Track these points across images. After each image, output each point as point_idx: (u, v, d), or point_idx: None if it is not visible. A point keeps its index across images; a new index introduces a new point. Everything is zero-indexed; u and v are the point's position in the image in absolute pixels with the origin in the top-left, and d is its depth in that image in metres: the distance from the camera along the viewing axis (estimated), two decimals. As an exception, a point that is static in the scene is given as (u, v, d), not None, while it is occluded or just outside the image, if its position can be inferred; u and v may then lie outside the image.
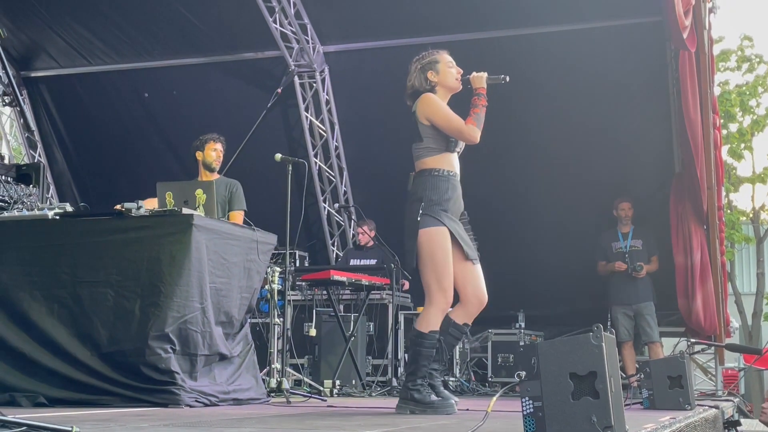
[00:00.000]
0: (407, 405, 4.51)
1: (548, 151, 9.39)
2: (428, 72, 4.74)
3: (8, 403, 4.47)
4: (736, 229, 19.11)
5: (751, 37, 22.27)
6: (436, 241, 4.52)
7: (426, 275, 4.59)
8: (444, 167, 4.62)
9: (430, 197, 4.55)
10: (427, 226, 4.52)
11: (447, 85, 4.74)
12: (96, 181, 11.18)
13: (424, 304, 4.65)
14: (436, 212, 4.54)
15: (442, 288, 4.55)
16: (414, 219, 4.54)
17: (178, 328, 4.78)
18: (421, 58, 4.81)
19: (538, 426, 2.89)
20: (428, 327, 4.56)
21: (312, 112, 10.20)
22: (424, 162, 4.64)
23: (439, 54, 4.80)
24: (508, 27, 8.97)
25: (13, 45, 10.41)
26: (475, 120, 4.59)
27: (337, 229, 10.72)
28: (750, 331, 19.79)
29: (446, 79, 4.73)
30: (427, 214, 4.53)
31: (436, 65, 4.75)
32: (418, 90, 4.72)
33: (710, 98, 8.44)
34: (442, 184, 4.58)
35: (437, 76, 4.73)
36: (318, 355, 7.74)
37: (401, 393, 4.64)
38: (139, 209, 4.95)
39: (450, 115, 4.62)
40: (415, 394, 4.50)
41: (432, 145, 4.63)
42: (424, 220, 4.53)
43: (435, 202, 4.55)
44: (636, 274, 8.36)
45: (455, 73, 4.76)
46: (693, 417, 4.68)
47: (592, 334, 2.86)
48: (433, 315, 4.58)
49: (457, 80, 4.75)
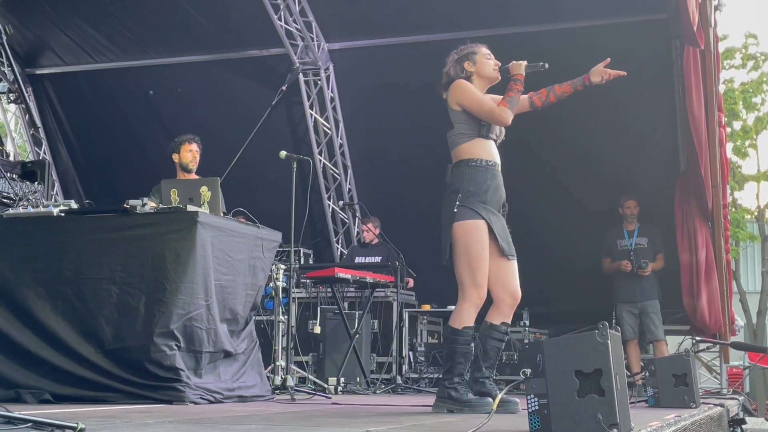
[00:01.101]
0: (444, 403, 4.40)
1: (553, 148, 9.37)
2: (465, 62, 4.66)
3: (13, 400, 4.47)
4: (741, 227, 19.06)
5: (756, 35, 22.22)
6: (472, 235, 4.40)
7: (460, 270, 4.43)
8: (481, 156, 4.52)
9: (467, 188, 4.43)
10: (464, 219, 4.40)
11: (484, 75, 4.66)
12: (101, 178, 11.19)
13: (458, 300, 4.49)
14: (473, 204, 4.42)
15: (476, 283, 4.40)
16: (450, 211, 4.43)
17: (183, 325, 4.79)
18: (459, 51, 4.73)
19: (543, 423, 2.88)
20: (462, 323, 4.42)
21: (317, 109, 10.19)
22: (460, 150, 4.54)
23: (477, 46, 4.72)
24: (514, 24, 8.95)
25: (18, 42, 10.42)
26: (508, 102, 4.50)
27: (341, 226, 10.72)
28: (755, 330, 19.75)
29: (483, 68, 4.66)
30: (465, 206, 4.42)
31: (473, 56, 4.67)
32: (453, 79, 4.64)
33: (715, 96, 8.42)
34: (479, 175, 4.48)
35: (474, 66, 4.65)
36: (322, 352, 7.74)
37: (438, 391, 4.51)
38: (144, 206, 4.95)
39: (481, 98, 4.54)
40: (452, 393, 4.38)
41: (464, 131, 4.54)
42: (460, 212, 4.41)
43: (473, 193, 4.43)
44: (641, 272, 8.34)
45: (493, 64, 4.69)
46: (698, 415, 4.67)
47: (598, 331, 2.86)
48: (466, 311, 4.42)
49: (495, 71, 4.68)
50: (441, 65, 4.82)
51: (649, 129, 9.11)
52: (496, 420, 3.50)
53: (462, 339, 4.41)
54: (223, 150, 9.59)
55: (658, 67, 8.87)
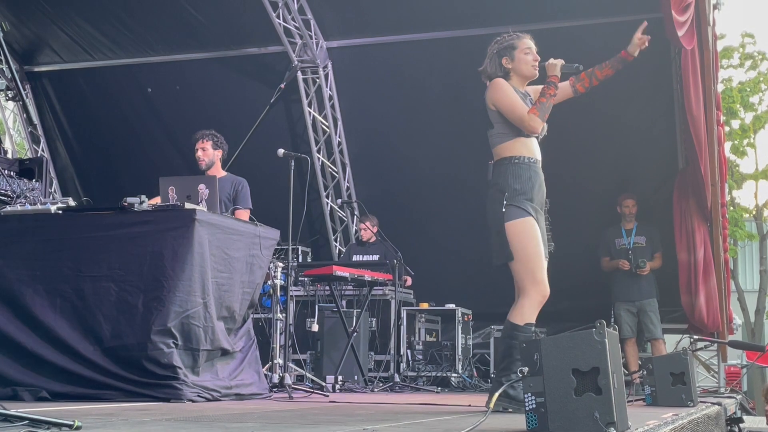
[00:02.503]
0: (500, 401, 4.24)
1: (551, 146, 9.32)
2: (503, 58, 4.59)
3: (11, 397, 4.47)
4: (739, 226, 19.07)
5: (753, 34, 22.24)
6: (526, 233, 4.35)
7: (518, 269, 4.36)
8: (524, 153, 4.47)
9: (513, 187, 4.38)
10: (514, 218, 4.35)
11: (521, 73, 4.60)
12: (99, 175, 11.18)
13: (518, 298, 4.40)
14: (521, 202, 4.38)
15: (537, 280, 4.34)
16: (498, 211, 4.36)
17: (181, 322, 4.79)
18: (500, 41, 4.64)
19: (540, 422, 2.88)
20: (523, 319, 4.33)
21: (315, 107, 10.19)
22: (501, 149, 4.49)
23: (519, 39, 4.63)
24: (511, 23, 8.88)
25: (16, 39, 10.41)
26: (538, 109, 4.45)
27: (339, 224, 10.72)
28: (753, 328, 19.77)
29: (520, 66, 4.59)
30: (513, 204, 4.37)
31: (512, 51, 4.59)
32: (491, 75, 4.59)
33: (714, 95, 8.41)
34: (524, 172, 4.43)
35: (511, 63, 4.58)
36: (320, 350, 7.74)
37: (493, 389, 4.38)
38: (142, 204, 4.95)
39: (514, 103, 4.47)
40: (509, 391, 4.23)
41: (503, 131, 4.49)
42: (509, 212, 4.35)
43: (519, 191, 4.39)
44: (640, 271, 8.34)
45: (531, 60, 4.61)
46: (695, 414, 4.67)
47: (595, 330, 2.86)
48: (528, 307, 4.34)
49: (534, 67, 4.61)
50: (439, 63, 4.80)
51: (647, 127, 9.12)
52: (493, 418, 3.50)
53: (522, 335, 4.29)
54: (222, 148, 9.57)
55: (656, 66, 8.87)
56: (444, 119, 9.61)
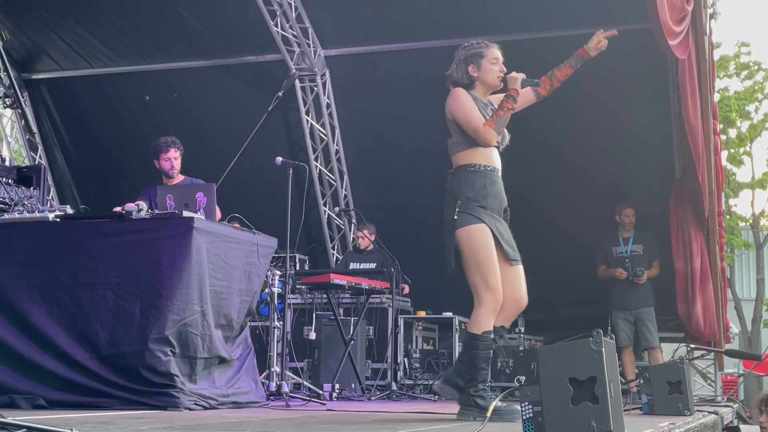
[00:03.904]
0: (470, 411, 4.31)
1: (548, 155, 9.39)
2: (470, 65, 4.60)
3: (7, 405, 4.47)
4: (735, 234, 19.10)
5: (748, 43, 22.32)
6: (477, 240, 4.36)
7: (471, 276, 4.39)
8: (480, 162, 4.48)
9: (466, 194, 4.40)
10: (466, 225, 4.37)
11: (486, 82, 4.61)
12: (97, 183, 11.17)
13: (474, 306, 4.43)
14: (473, 209, 4.39)
15: (490, 287, 4.36)
16: (450, 218, 4.39)
17: (178, 331, 4.79)
18: (467, 48, 4.65)
19: (537, 430, 2.89)
20: (480, 328, 4.35)
21: (313, 115, 10.20)
22: (458, 157, 4.52)
23: (487, 48, 4.64)
24: (508, 32, 8.96)
25: (14, 47, 10.42)
26: (495, 122, 4.45)
27: (337, 232, 10.72)
28: (749, 337, 19.78)
29: (486, 75, 4.60)
30: (465, 211, 4.38)
31: (480, 60, 4.60)
32: (456, 82, 4.60)
33: (710, 104, 8.43)
34: (478, 180, 4.45)
35: (478, 72, 4.60)
36: (317, 358, 7.74)
37: (463, 399, 4.41)
38: (140, 212, 4.96)
39: (470, 114, 4.47)
40: (478, 401, 4.30)
41: (461, 140, 4.51)
42: (461, 219, 4.38)
43: (472, 198, 4.40)
44: (637, 280, 8.35)
45: (497, 71, 4.62)
46: (692, 423, 4.67)
47: (592, 339, 2.86)
48: (483, 316, 4.36)
49: (499, 78, 4.62)
50: (437, 72, 4.80)
51: (644, 136, 9.13)
52: (490, 427, 3.50)
53: (483, 344, 4.34)
54: (219, 155, 9.58)
55: (653, 75, 8.89)
56: (441, 128, 9.60)
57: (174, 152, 6.65)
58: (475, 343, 4.36)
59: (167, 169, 6.63)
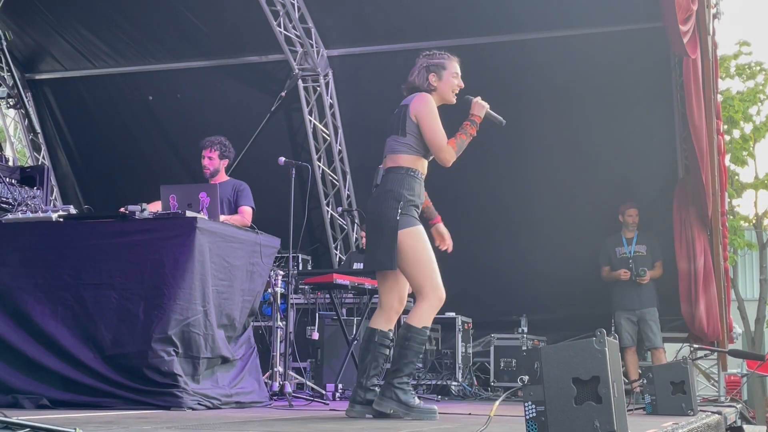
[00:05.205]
0: (389, 403, 4.37)
1: (551, 155, 9.39)
2: (431, 74, 4.64)
3: (11, 405, 4.47)
4: (738, 235, 19.07)
5: (749, 42, 22.23)
6: (420, 240, 4.48)
7: (415, 275, 4.48)
8: (420, 170, 4.58)
9: (407, 196, 4.48)
10: (408, 226, 4.46)
11: (443, 95, 4.66)
12: (100, 183, 11.19)
13: (416, 301, 4.54)
14: (412, 211, 4.50)
15: (435, 285, 4.46)
16: (392, 218, 4.44)
17: (181, 330, 4.79)
18: (430, 56, 4.70)
19: (540, 430, 2.89)
20: (421, 322, 4.44)
21: (316, 115, 10.20)
22: (402, 159, 4.56)
23: (449, 60, 4.69)
24: (512, 32, 8.97)
25: (18, 48, 10.43)
26: (457, 145, 4.54)
27: (340, 232, 10.72)
28: (753, 337, 19.75)
29: (445, 87, 4.65)
30: (406, 213, 4.47)
31: (442, 71, 4.66)
32: (417, 87, 4.65)
33: (714, 104, 8.43)
34: (416, 185, 4.55)
35: (438, 82, 4.64)
36: (320, 358, 7.73)
37: (383, 390, 4.46)
38: (143, 212, 4.96)
39: (437, 129, 4.53)
40: (400, 394, 4.38)
41: (414, 145, 4.56)
42: (404, 220, 4.45)
43: (411, 202, 4.50)
44: (640, 280, 8.35)
45: (455, 85, 4.67)
46: (695, 423, 4.67)
47: (595, 339, 2.86)
48: (426, 311, 4.46)
49: (454, 92, 4.67)
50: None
51: (647, 137, 9.12)
52: (494, 427, 3.50)
53: (419, 338, 4.44)
54: (222, 156, 9.58)
55: (656, 75, 8.89)
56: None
57: (210, 152, 6.72)
58: (412, 335, 4.44)
59: (204, 166, 6.69)
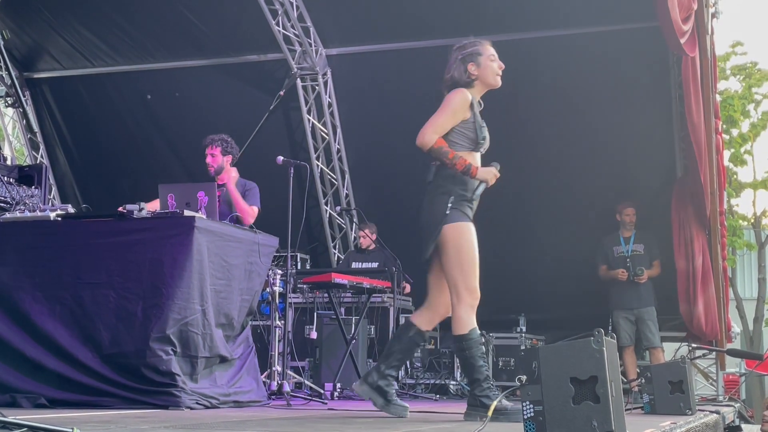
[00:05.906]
0: (477, 412, 4.27)
1: (549, 154, 9.39)
2: (469, 64, 4.52)
3: (9, 404, 4.47)
4: (737, 234, 19.08)
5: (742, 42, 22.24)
6: (465, 237, 4.37)
7: (452, 272, 4.39)
8: (471, 163, 4.44)
9: (459, 192, 4.40)
10: (456, 221, 4.37)
11: (486, 80, 4.56)
12: (98, 182, 11.18)
13: (452, 306, 4.41)
14: (465, 208, 4.41)
15: (468, 286, 4.36)
16: (441, 211, 4.36)
17: (179, 330, 4.79)
18: (462, 48, 4.57)
19: (538, 430, 2.89)
20: (467, 327, 4.34)
21: (314, 114, 10.20)
22: None
23: (482, 46, 4.57)
24: (511, 31, 8.97)
25: (16, 46, 10.43)
26: (442, 151, 4.39)
27: (338, 231, 10.72)
28: (751, 337, 19.77)
29: (487, 72, 4.54)
30: (457, 208, 4.38)
31: (479, 57, 4.53)
32: (457, 82, 4.53)
33: (712, 103, 8.43)
34: (470, 182, 4.43)
35: (478, 69, 4.53)
36: (319, 358, 7.73)
37: (469, 400, 4.41)
38: (141, 211, 4.95)
39: (444, 118, 4.44)
40: (484, 400, 4.26)
41: (458, 140, 4.46)
42: (452, 215, 4.37)
43: (464, 198, 4.41)
44: (638, 279, 8.34)
45: (496, 68, 4.56)
46: (694, 422, 4.67)
47: (593, 338, 2.86)
48: (465, 314, 4.35)
49: (498, 76, 4.57)
50: (439, 71, 4.76)
51: (645, 136, 9.13)
52: (492, 427, 3.50)
53: (474, 342, 4.34)
54: (221, 155, 9.58)
55: (654, 74, 8.90)
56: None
57: (212, 149, 6.70)
58: (466, 343, 4.35)
59: (207, 164, 6.68)
